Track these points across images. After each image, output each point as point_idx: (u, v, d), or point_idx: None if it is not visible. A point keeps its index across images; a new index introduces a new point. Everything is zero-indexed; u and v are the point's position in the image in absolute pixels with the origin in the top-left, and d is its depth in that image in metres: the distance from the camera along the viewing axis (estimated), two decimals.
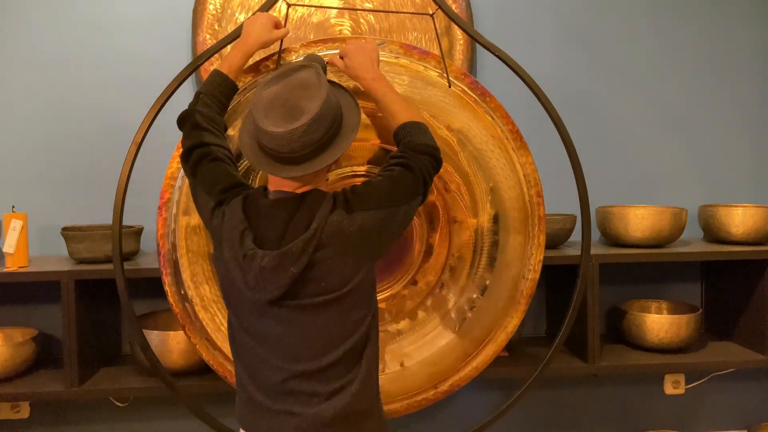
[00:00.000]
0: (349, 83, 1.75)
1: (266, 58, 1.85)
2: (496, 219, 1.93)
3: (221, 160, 1.58)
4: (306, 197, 1.44)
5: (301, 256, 1.38)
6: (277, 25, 1.75)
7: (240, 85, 1.77)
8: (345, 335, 1.45)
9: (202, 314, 1.86)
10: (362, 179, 1.90)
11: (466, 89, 1.91)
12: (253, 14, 1.77)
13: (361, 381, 1.47)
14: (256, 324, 1.47)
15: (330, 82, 1.51)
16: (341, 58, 1.72)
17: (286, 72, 1.48)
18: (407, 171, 1.51)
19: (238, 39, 1.73)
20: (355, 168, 1.90)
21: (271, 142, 1.40)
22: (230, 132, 1.78)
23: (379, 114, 1.73)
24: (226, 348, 1.87)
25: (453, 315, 1.96)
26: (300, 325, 1.44)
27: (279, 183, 1.47)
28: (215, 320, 1.87)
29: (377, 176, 1.52)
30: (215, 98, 1.66)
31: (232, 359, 1.85)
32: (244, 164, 1.79)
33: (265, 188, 1.51)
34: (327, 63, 1.72)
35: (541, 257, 1.96)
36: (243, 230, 1.43)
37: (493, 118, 1.92)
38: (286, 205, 1.43)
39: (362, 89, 1.71)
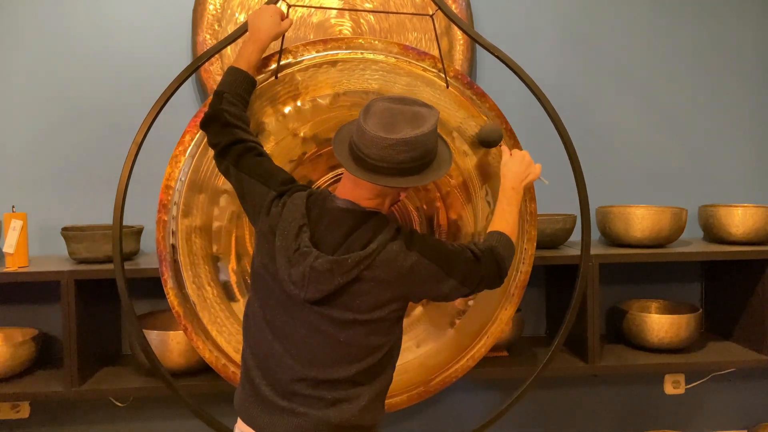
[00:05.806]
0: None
1: (266, 59, 1.86)
2: (491, 215, 1.93)
3: (265, 155, 1.62)
4: (372, 217, 1.46)
5: (352, 270, 1.41)
6: (282, 17, 1.77)
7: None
8: (361, 356, 1.48)
9: (202, 315, 1.86)
10: None
11: (463, 89, 1.93)
12: (259, 9, 1.77)
13: (370, 398, 1.50)
14: (282, 319, 1.48)
15: (440, 136, 1.54)
16: (510, 154, 1.81)
17: (411, 100, 1.50)
18: (476, 262, 1.55)
19: (249, 35, 1.74)
20: None
21: (360, 138, 1.43)
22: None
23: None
24: (229, 350, 1.87)
25: (451, 309, 1.97)
26: (322, 334, 1.46)
27: (347, 192, 1.49)
28: (217, 321, 1.87)
29: (451, 243, 1.56)
30: (239, 96, 1.68)
31: (234, 361, 1.86)
32: None
33: (329, 191, 1.54)
34: (500, 138, 1.86)
35: (533, 251, 1.99)
36: (302, 225, 1.45)
37: (488, 118, 1.93)
38: (352, 217, 1.46)
39: (499, 186, 1.79)
